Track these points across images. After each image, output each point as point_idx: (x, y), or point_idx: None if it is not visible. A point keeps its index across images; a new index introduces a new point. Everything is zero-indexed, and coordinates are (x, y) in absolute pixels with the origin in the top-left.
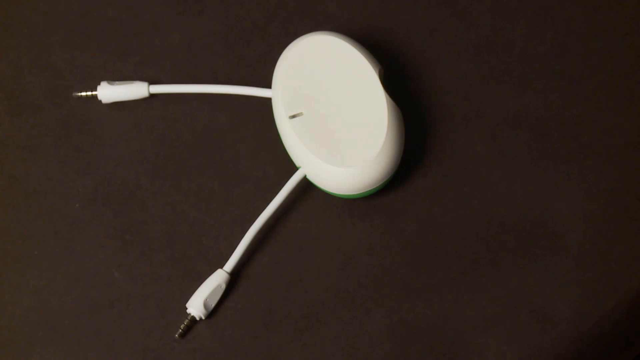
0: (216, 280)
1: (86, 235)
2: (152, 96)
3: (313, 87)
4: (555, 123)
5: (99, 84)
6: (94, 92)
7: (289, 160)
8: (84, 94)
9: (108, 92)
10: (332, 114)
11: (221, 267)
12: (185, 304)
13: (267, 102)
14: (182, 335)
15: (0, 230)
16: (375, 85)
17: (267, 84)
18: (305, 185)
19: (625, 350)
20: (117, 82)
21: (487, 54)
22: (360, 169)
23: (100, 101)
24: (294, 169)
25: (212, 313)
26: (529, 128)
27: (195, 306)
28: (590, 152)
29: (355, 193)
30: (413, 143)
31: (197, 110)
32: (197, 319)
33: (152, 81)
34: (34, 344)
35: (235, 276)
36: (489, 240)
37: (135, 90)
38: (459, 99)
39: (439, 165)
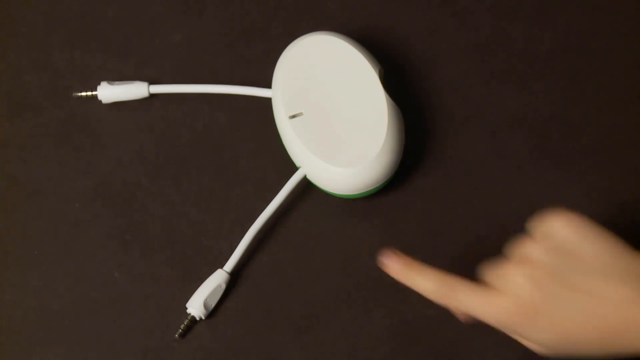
0: (216, 280)
1: (86, 235)
2: (152, 96)
3: (313, 87)
4: (555, 123)
5: (99, 84)
6: (94, 92)
7: (289, 160)
8: (84, 94)
9: (108, 92)
10: (332, 114)
11: (221, 267)
12: (185, 304)
13: (267, 102)
14: (182, 335)
15: (0, 230)
16: (375, 85)
17: (267, 84)
18: (305, 185)
19: None
20: (117, 82)
21: (487, 54)
22: (360, 169)
23: (100, 101)
24: (294, 169)
25: (212, 313)
26: (529, 128)
27: (195, 306)
28: (590, 152)
29: (355, 193)
30: (413, 143)
31: (197, 110)
32: (197, 319)
33: (152, 81)
34: (34, 344)
35: (235, 276)
36: (489, 240)
37: (135, 90)
38: (459, 99)
39: (439, 165)
